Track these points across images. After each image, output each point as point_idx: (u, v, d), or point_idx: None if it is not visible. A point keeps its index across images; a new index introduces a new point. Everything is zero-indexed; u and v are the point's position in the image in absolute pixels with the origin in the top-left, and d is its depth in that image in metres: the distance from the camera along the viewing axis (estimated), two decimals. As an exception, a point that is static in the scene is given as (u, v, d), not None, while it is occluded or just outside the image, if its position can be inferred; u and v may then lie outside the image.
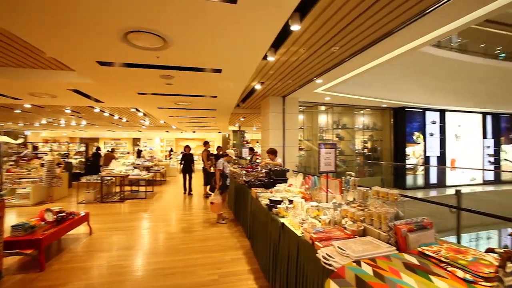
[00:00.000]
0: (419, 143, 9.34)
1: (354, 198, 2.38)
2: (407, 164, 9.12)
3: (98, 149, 10.86)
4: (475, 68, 7.28)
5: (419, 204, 3.12)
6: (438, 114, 9.70)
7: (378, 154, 9.87)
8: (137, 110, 9.52)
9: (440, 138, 9.71)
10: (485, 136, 10.50)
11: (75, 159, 11.69)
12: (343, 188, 2.65)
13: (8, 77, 4.75)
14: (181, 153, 10.40)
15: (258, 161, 7.90)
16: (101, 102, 6.99)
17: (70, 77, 4.88)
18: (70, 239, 4.21)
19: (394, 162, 9.43)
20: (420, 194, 8.67)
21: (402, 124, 9.22)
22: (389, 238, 1.62)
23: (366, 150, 9.79)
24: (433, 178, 9.61)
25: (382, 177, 9.50)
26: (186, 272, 3.15)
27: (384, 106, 9.26)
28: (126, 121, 12.78)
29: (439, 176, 9.72)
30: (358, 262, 1.39)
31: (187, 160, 8.18)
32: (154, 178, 9.67)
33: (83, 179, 7.28)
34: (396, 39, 3.56)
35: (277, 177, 4.42)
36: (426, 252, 1.43)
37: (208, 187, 7.87)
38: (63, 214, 3.95)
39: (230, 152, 5.47)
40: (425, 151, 9.42)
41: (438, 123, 9.72)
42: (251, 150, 8.90)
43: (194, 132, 18.89)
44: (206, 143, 8.21)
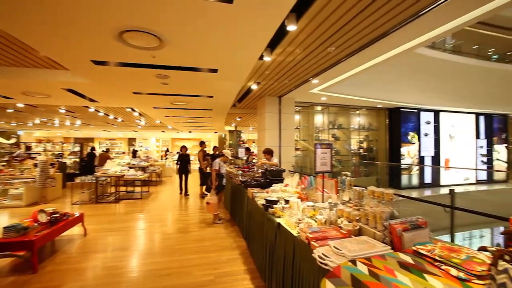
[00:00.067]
0: (414, 143, 9.44)
1: (349, 198, 2.40)
2: (402, 164, 9.20)
3: (93, 149, 10.75)
4: (469, 69, 7.38)
5: (414, 203, 3.16)
6: (432, 114, 9.82)
7: (373, 154, 9.94)
8: (132, 110, 9.45)
9: (434, 138, 9.82)
10: (478, 136, 10.66)
11: (70, 159, 11.55)
12: (339, 188, 2.67)
13: (0, 75, 4.68)
14: (177, 153, 10.35)
15: (254, 161, 7.90)
16: (96, 101, 6.92)
17: (64, 76, 4.83)
18: (64, 240, 4.15)
19: (389, 162, 9.50)
20: (415, 193, 8.77)
21: (397, 124, 9.30)
22: (384, 238, 1.63)
23: (361, 150, 9.85)
24: (427, 178, 9.72)
25: (378, 177, 9.57)
26: (182, 272, 3.13)
27: (379, 106, 9.33)
28: (122, 121, 12.67)
29: (434, 175, 9.84)
30: (353, 262, 1.40)
31: (184, 160, 8.15)
32: (149, 179, 9.61)
33: (78, 180, 7.19)
34: (392, 40, 3.60)
35: (273, 177, 4.43)
36: (420, 251, 1.44)
37: (204, 187, 7.84)
38: (57, 215, 3.90)
39: (226, 152, 5.46)
40: (419, 151, 9.52)
41: (432, 123, 9.83)
42: (247, 150, 8.88)
43: (190, 132, 18.82)
44: (202, 143, 8.18)
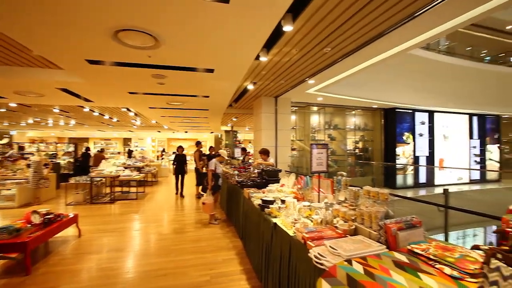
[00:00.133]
0: (409, 143, 9.53)
1: (345, 198, 2.41)
2: (397, 164, 9.29)
3: (88, 149, 10.64)
4: (463, 70, 7.49)
5: (409, 203, 3.20)
6: (427, 115, 9.92)
7: (369, 154, 10.01)
8: (128, 109, 9.37)
9: (429, 139, 9.93)
10: (471, 136, 10.81)
11: (64, 160, 11.40)
12: (335, 188, 2.68)
13: (-8, 75, 4.60)
14: (173, 153, 10.29)
15: (250, 161, 7.90)
16: (91, 101, 6.85)
17: (58, 75, 4.76)
18: (58, 242, 4.10)
19: (384, 162, 9.58)
20: (409, 193, 8.86)
21: (393, 124, 9.38)
22: (379, 237, 1.64)
23: (357, 150, 9.92)
24: (422, 178, 9.82)
25: (373, 177, 9.65)
26: (178, 273, 3.12)
27: (375, 107, 9.40)
28: (117, 120, 12.55)
29: (428, 175, 9.94)
30: (349, 261, 1.41)
31: (180, 161, 8.11)
32: (145, 179, 9.55)
33: (72, 180, 7.10)
34: (388, 40, 3.62)
35: (269, 177, 4.43)
36: (415, 250, 1.46)
37: (200, 188, 7.82)
38: (51, 216, 3.84)
39: (223, 152, 5.45)
40: (414, 151, 9.61)
41: (427, 124, 9.93)
42: (244, 150, 8.88)
43: (186, 132, 18.74)
44: (198, 143, 8.16)
